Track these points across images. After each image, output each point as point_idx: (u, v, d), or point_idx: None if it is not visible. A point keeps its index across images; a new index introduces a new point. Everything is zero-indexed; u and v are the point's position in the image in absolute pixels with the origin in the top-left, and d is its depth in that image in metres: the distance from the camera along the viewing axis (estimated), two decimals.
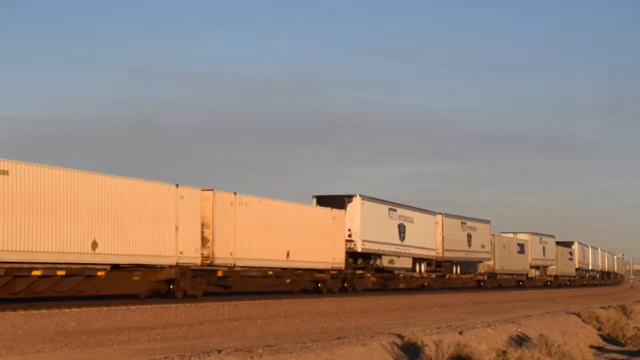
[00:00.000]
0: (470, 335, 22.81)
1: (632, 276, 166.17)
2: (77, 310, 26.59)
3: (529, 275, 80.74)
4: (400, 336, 20.35)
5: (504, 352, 19.96)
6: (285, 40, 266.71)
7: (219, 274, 37.38)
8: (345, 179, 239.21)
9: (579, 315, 35.05)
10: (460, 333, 22.72)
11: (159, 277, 34.08)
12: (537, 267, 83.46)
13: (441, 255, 60.75)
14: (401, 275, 55.76)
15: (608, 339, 32.40)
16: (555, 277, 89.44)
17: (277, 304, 33.89)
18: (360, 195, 49.76)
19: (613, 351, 29.11)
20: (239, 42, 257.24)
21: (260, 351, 16.03)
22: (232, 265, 37.93)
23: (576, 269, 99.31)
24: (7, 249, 27.23)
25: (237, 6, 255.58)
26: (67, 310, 26.20)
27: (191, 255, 35.21)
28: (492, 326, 25.70)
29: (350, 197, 49.29)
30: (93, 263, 30.60)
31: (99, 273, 30.74)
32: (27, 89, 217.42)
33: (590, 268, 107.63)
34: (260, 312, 29.25)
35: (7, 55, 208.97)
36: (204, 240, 36.04)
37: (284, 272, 42.07)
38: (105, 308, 27.74)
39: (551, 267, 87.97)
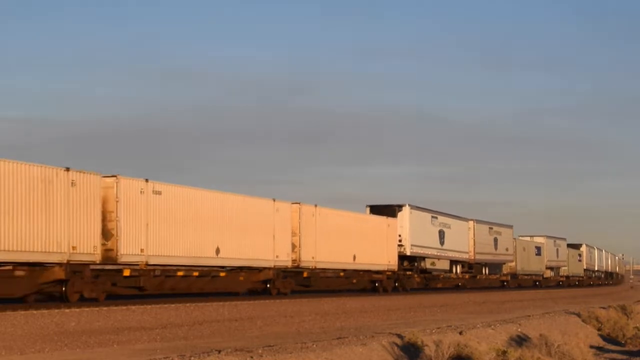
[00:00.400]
0: (470, 335, 22.81)
1: (632, 276, 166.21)
2: (77, 310, 26.59)
3: (545, 276, 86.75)
4: (400, 336, 20.35)
5: (504, 352, 19.96)
6: (285, 40, 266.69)
7: (305, 274, 43.91)
8: (345, 179, 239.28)
9: (579, 315, 35.04)
10: (460, 333, 22.71)
11: (259, 278, 40.16)
12: (551, 268, 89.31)
13: (472, 257, 66.73)
14: (441, 276, 62.00)
15: (608, 339, 32.40)
16: (567, 277, 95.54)
17: (277, 304, 33.89)
18: (409, 205, 55.84)
19: (613, 351, 29.10)
20: (238, 42, 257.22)
21: (260, 351, 16.02)
22: (314, 267, 44.27)
23: (584, 270, 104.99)
24: (162, 254, 33.63)
25: (237, 6, 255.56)
26: (67, 310, 26.19)
27: (284, 259, 41.38)
28: (492, 326, 25.70)
29: (400, 207, 55.42)
30: (217, 266, 37.08)
31: (222, 274, 37.48)
32: (27, 89, 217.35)
33: (596, 269, 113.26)
34: (260, 312, 29.24)
35: (7, 55, 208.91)
36: (292, 246, 42.20)
37: (351, 273, 48.62)
38: (105, 308, 27.73)
39: (563, 267, 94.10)
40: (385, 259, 51.87)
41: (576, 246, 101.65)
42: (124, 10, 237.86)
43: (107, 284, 31.93)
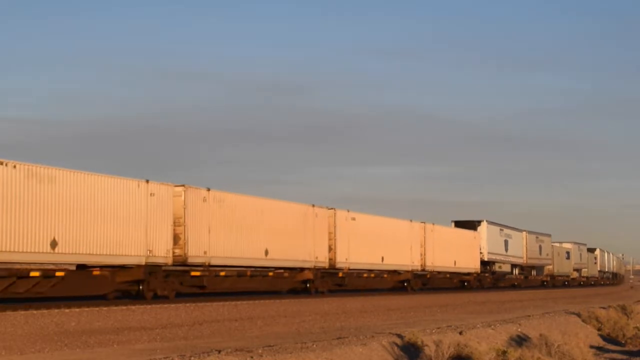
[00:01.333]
0: (470, 335, 22.81)
1: (632, 276, 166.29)
2: (77, 310, 26.59)
3: (572, 277, 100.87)
4: (400, 336, 20.35)
5: (504, 352, 19.96)
6: (285, 40, 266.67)
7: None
8: (346, 179, 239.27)
9: (579, 315, 35.05)
10: (460, 333, 22.71)
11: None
12: (576, 270, 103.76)
13: (525, 262, 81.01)
14: (506, 277, 76.22)
15: (608, 339, 32.40)
16: (587, 277, 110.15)
17: (277, 304, 33.89)
18: (487, 221, 70.21)
19: (613, 351, 29.10)
20: (238, 42, 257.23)
21: (260, 351, 16.02)
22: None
23: (598, 271, 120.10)
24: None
25: (237, 6, 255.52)
26: (67, 310, 26.19)
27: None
28: (492, 326, 25.70)
29: (479, 222, 69.45)
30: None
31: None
32: (27, 89, 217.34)
33: (606, 270, 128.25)
34: (260, 312, 29.24)
35: (7, 55, 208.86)
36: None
37: (452, 275, 63.17)
38: (105, 308, 27.74)
39: (584, 269, 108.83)
40: (473, 264, 66.95)
41: (592, 250, 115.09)
42: (125, 10, 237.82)
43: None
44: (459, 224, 68.26)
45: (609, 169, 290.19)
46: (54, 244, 28.44)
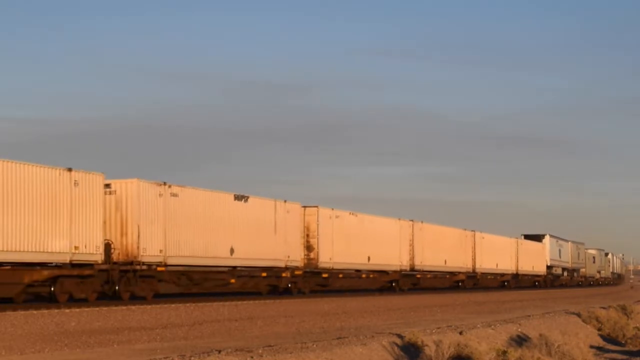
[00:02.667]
0: (470, 335, 22.80)
1: (632, 276, 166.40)
2: (77, 310, 26.59)
3: (595, 277, 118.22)
4: (400, 336, 20.35)
5: (504, 352, 19.95)
6: (285, 40, 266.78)
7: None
8: (346, 178, 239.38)
9: (579, 315, 35.04)
10: (461, 333, 22.71)
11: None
12: (598, 272, 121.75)
13: (570, 265, 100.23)
14: (560, 278, 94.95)
15: (608, 339, 32.40)
16: (605, 278, 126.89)
17: (277, 304, 33.90)
18: (549, 235, 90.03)
19: (613, 351, 29.10)
20: (238, 42, 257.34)
21: (260, 351, 16.02)
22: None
23: (611, 273, 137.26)
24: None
25: (237, 6, 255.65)
26: (67, 311, 26.20)
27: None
28: (492, 326, 25.70)
29: (543, 235, 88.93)
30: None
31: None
32: (27, 89, 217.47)
33: (615, 271, 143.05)
34: (260, 312, 29.25)
35: (7, 55, 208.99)
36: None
37: (514, 276, 77.73)
38: (105, 308, 27.74)
39: (602, 271, 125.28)
40: (541, 268, 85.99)
41: (607, 254, 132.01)
42: (125, 10, 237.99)
43: (409, 282, 55.69)
44: (528, 237, 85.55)
45: (609, 169, 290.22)
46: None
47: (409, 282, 56.67)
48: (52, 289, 29.87)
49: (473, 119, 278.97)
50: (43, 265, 29.33)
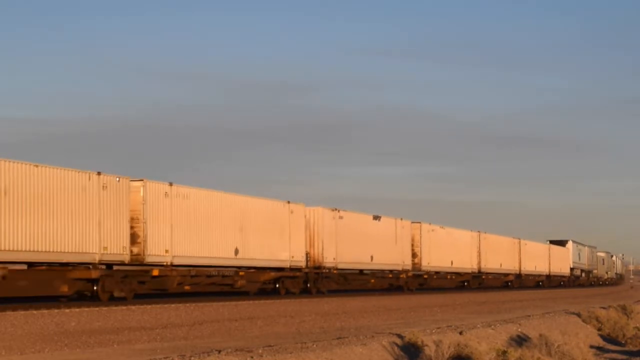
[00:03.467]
0: (470, 335, 22.80)
1: (632, 276, 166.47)
2: (77, 310, 26.58)
3: (604, 278, 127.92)
4: (400, 336, 20.35)
5: (504, 352, 19.96)
6: (285, 40, 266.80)
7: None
8: (346, 178, 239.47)
9: (579, 315, 35.04)
10: (461, 333, 22.71)
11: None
12: (606, 272, 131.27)
13: (587, 267, 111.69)
14: (580, 278, 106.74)
15: (608, 339, 32.40)
16: (610, 278, 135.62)
17: (277, 304, 33.89)
18: (572, 240, 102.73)
19: (613, 351, 29.11)
20: (239, 42, 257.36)
21: (260, 351, 16.02)
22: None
23: (615, 273, 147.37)
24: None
25: (237, 6, 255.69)
26: (67, 310, 26.19)
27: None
28: (492, 326, 25.70)
29: (566, 241, 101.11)
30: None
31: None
32: (27, 89, 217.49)
33: (618, 272, 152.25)
34: (260, 312, 29.24)
35: (8, 55, 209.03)
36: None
37: (547, 277, 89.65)
38: (105, 308, 27.73)
39: (609, 272, 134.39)
40: (565, 269, 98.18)
41: (611, 256, 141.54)
42: (125, 10, 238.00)
43: (416, 282, 58.40)
44: (553, 242, 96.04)
45: (609, 169, 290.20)
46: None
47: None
48: (277, 285, 42.31)
49: (473, 119, 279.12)
50: (271, 269, 41.62)
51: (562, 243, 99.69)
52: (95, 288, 30.82)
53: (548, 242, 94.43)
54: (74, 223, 29.59)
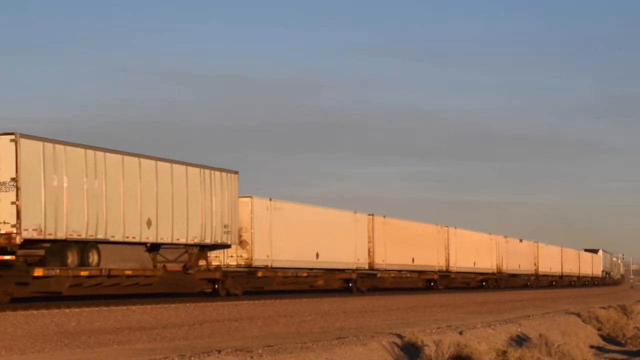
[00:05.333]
0: (470, 335, 22.80)
1: (632, 276, 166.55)
2: (77, 310, 26.54)
3: (615, 277, 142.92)
4: (400, 336, 20.34)
5: (504, 352, 19.95)
6: (285, 40, 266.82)
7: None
8: (346, 178, 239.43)
9: (578, 315, 35.04)
10: (460, 333, 22.71)
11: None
12: (616, 273, 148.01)
13: (609, 270, 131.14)
14: (605, 278, 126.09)
15: (608, 339, 32.40)
16: (618, 278, 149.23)
17: (277, 304, 33.87)
18: (602, 250, 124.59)
19: (613, 351, 29.10)
20: (239, 42, 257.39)
21: (260, 351, 16.01)
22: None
23: (621, 274, 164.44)
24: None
25: (237, 6, 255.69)
26: (67, 310, 26.15)
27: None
28: (492, 326, 25.70)
29: (597, 250, 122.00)
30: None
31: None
32: (27, 89, 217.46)
33: (622, 272, 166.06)
34: (260, 312, 29.21)
35: (8, 55, 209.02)
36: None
37: (578, 278, 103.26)
38: (105, 308, 27.69)
39: (618, 273, 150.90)
40: (597, 271, 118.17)
41: (616, 257, 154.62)
42: (125, 10, 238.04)
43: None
44: (587, 250, 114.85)
45: (609, 169, 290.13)
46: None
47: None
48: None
49: (473, 119, 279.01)
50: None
51: (593, 251, 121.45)
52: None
53: (583, 250, 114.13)
54: None
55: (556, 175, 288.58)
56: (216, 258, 36.93)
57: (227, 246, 35.88)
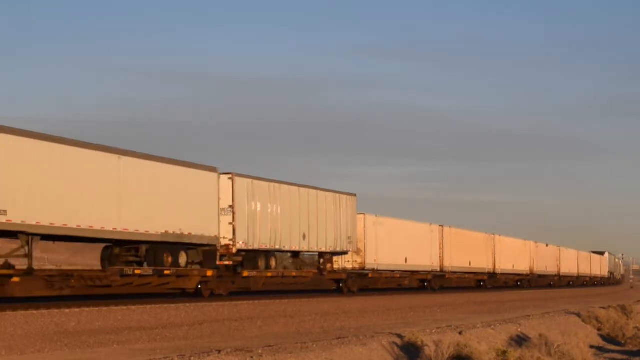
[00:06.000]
0: (470, 335, 22.81)
1: (632, 276, 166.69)
2: (77, 310, 26.56)
3: (617, 278, 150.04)
4: (400, 336, 20.35)
5: (504, 352, 19.96)
6: (285, 40, 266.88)
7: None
8: (345, 178, 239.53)
9: (578, 315, 35.05)
10: (460, 333, 22.72)
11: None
12: (618, 273, 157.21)
13: (613, 271, 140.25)
14: (610, 279, 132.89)
15: (608, 339, 32.41)
16: (619, 278, 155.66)
17: (277, 304, 33.88)
18: (608, 252, 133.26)
19: (613, 351, 29.11)
20: (239, 42, 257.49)
21: (260, 351, 16.02)
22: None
23: (621, 274, 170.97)
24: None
25: (237, 6, 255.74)
26: (67, 310, 26.17)
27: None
28: (492, 326, 25.71)
29: (604, 252, 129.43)
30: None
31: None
32: (27, 89, 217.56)
33: (622, 272, 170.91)
34: (260, 312, 29.23)
35: (8, 55, 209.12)
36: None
37: (590, 278, 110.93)
38: (105, 308, 27.71)
39: (619, 273, 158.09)
40: (604, 272, 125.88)
41: (618, 258, 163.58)
42: (125, 10, 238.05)
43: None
44: (595, 252, 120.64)
45: (609, 169, 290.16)
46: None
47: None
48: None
49: (473, 119, 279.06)
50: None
51: (600, 253, 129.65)
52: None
53: (591, 252, 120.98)
54: None
55: (556, 175, 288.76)
56: (335, 262, 46.33)
57: (346, 253, 45.98)
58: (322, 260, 44.02)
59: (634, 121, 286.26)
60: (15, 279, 26.65)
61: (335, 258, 45.93)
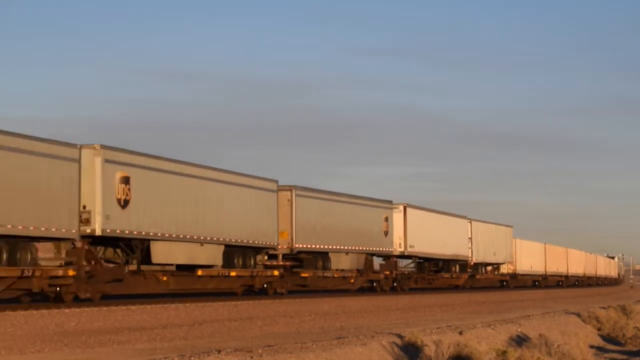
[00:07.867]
0: (470, 335, 22.80)
1: (632, 276, 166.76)
2: (77, 310, 26.57)
3: (621, 278, 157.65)
4: (400, 336, 20.35)
5: (504, 352, 19.95)
6: (285, 40, 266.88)
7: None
8: (345, 178, 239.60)
9: (578, 315, 35.04)
10: (460, 333, 22.71)
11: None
12: (623, 274, 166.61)
13: (621, 271, 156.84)
14: (618, 279, 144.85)
15: (608, 339, 32.39)
16: (622, 278, 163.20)
17: (277, 304, 33.89)
18: (617, 256, 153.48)
19: (613, 351, 29.10)
20: (239, 42, 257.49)
21: (260, 351, 16.02)
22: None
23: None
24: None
25: (237, 6, 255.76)
26: (67, 310, 26.18)
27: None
28: (492, 326, 25.70)
29: (615, 256, 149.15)
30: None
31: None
32: (27, 89, 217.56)
33: (622, 272, 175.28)
34: (260, 312, 29.23)
35: (8, 55, 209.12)
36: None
37: (596, 278, 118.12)
38: (105, 308, 27.73)
39: (625, 273, 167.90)
40: (612, 272, 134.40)
41: (618, 258, 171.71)
42: (124, 9, 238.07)
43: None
44: (608, 256, 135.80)
45: (609, 169, 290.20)
46: None
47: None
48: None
49: (473, 119, 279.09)
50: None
51: (611, 257, 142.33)
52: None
53: (605, 254, 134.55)
54: None
55: (556, 175, 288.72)
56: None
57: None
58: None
59: (634, 121, 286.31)
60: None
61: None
